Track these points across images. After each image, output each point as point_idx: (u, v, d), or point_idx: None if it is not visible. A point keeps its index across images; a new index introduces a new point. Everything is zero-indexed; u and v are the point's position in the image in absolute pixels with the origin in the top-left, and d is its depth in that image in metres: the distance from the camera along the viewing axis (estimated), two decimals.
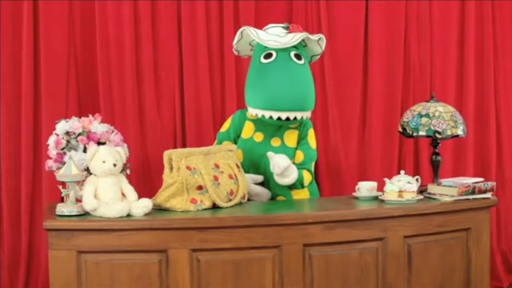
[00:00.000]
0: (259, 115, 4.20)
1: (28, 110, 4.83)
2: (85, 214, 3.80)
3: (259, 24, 5.00)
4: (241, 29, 4.27)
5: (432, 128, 4.30)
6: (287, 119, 4.16)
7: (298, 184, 4.22)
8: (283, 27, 4.28)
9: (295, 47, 4.22)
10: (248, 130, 4.34)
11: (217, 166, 4.02)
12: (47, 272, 3.91)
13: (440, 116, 4.31)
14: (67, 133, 4.01)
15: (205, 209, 3.94)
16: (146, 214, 3.82)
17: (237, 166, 4.13)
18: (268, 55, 4.22)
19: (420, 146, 5.22)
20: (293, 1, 5.14)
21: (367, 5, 5.21)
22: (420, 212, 4.00)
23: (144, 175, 4.94)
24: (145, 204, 3.82)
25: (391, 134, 5.12)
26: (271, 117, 4.16)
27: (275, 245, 3.82)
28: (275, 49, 4.19)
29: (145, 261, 3.74)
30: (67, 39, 4.89)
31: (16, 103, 4.84)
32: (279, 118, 4.15)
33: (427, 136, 4.33)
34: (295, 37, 4.17)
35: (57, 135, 4.00)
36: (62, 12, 4.87)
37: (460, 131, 4.35)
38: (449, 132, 4.31)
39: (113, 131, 4.10)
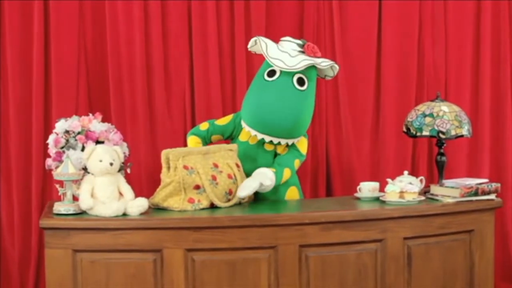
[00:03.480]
0: (246, 129, 4.20)
1: (38, 109, 4.84)
2: (82, 213, 3.83)
3: (269, 24, 5.03)
4: (254, 38, 4.25)
5: (436, 128, 4.24)
6: (271, 141, 4.16)
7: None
8: (298, 44, 4.23)
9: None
10: (245, 133, 4.29)
11: (216, 166, 4.01)
12: None
13: (444, 116, 4.24)
14: (67, 132, 4.01)
15: (203, 208, 3.93)
16: (142, 214, 3.83)
17: (237, 166, 4.11)
18: (272, 73, 4.16)
19: (433, 147, 5.12)
20: (304, 1, 5.08)
21: (380, 5, 5.13)
22: (420, 214, 3.94)
23: (154, 174, 4.91)
24: (141, 204, 3.83)
25: (404, 134, 5.04)
26: (256, 135, 4.16)
27: (271, 246, 3.80)
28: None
29: (140, 261, 3.75)
30: (77, 38, 4.89)
31: (26, 102, 4.86)
32: (263, 138, 4.16)
33: (431, 136, 4.27)
34: (302, 63, 4.09)
35: (57, 134, 4.02)
36: (73, 12, 4.87)
37: (465, 131, 4.27)
38: (453, 132, 4.24)
39: (112, 130, 4.09)
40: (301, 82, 4.12)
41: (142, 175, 4.93)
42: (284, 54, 4.15)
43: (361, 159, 5.17)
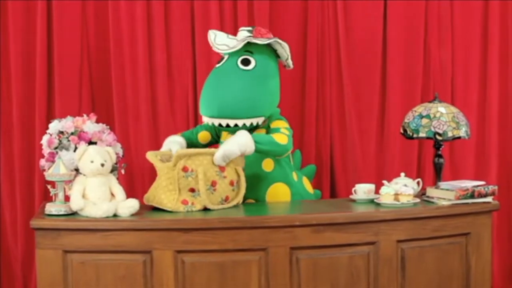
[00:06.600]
0: (203, 120, 4.23)
1: (41, 108, 4.89)
2: (73, 213, 3.82)
3: (274, 24, 4.99)
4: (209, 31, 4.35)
5: (433, 129, 4.17)
6: (220, 125, 4.13)
7: (266, 145, 4.07)
8: (249, 30, 4.26)
9: (249, 51, 4.18)
10: (224, 134, 4.31)
11: (222, 170, 3.96)
12: None
13: (441, 117, 4.17)
14: (61, 132, 4.01)
15: (195, 211, 3.90)
16: (133, 215, 3.81)
17: (243, 170, 4.08)
18: (221, 60, 4.26)
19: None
20: (308, 1, 5.04)
21: (385, 5, 5.08)
22: (414, 216, 3.89)
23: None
24: (132, 205, 3.82)
25: None
26: (207, 122, 4.18)
27: (261, 248, 3.76)
28: (227, 53, 4.20)
29: (130, 262, 3.74)
30: (80, 38, 4.93)
31: (30, 102, 4.91)
32: (214, 124, 4.15)
33: (427, 138, 4.21)
34: (241, 42, 4.16)
35: (50, 134, 4.02)
36: (76, 11, 4.91)
37: (462, 133, 4.20)
38: (450, 134, 4.17)
39: (106, 131, 4.08)
40: (245, 62, 4.17)
41: (145, 175, 4.92)
42: (232, 40, 4.23)
43: (366, 160, 5.13)
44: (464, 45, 5.15)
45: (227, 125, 4.09)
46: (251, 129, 4.13)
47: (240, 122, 4.09)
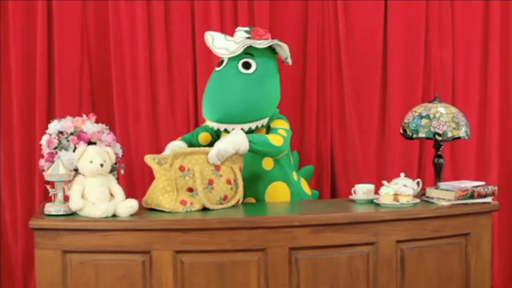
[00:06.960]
0: (208, 123, 4.25)
1: (42, 108, 4.89)
2: (73, 214, 3.82)
3: (274, 24, 4.98)
4: (205, 34, 4.31)
5: (432, 130, 4.17)
6: (225, 130, 4.14)
7: (262, 145, 4.07)
8: (246, 31, 4.24)
9: (249, 53, 4.17)
10: (224, 134, 4.28)
11: (217, 169, 3.96)
12: None
13: (440, 118, 4.16)
14: (61, 132, 4.01)
15: (194, 211, 3.90)
16: (132, 215, 3.81)
17: (240, 170, 4.07)
18: (221, 63, 4.24)
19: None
20: (309, 1, 5.03)
21: (386, 5, 5.07)
22: (413, 216, 3.88)
23: None
24: (131, 205, 3.82)
25: None
26: (212, 126, 4.20)
27: (260, 248, 3.75)
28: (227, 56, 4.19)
29: (129, 262, 3.73)
30: (80, 37, 4.92)
31: (30, 102, 4.91)
32: (220, 129, 4.16)
33: (427, 138, 4.20)
34: (241, 46, 4.14)
35: (50, 134, 4.02)
36: (76, 11, 4.91)
37: (462, 133, 4.19)
38: (450, 134, 4.16)
39: (105, 131, 4.08)
40: (246, 65, 4.16)
41: (145, 175, 4.91)
42: (230, 42, 4.20)
43: (366, 160, 5.12)
44: (465, 45, 5.14)
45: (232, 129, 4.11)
46: (254, 130, 4.14)
47: (245, 126, 4.11)
